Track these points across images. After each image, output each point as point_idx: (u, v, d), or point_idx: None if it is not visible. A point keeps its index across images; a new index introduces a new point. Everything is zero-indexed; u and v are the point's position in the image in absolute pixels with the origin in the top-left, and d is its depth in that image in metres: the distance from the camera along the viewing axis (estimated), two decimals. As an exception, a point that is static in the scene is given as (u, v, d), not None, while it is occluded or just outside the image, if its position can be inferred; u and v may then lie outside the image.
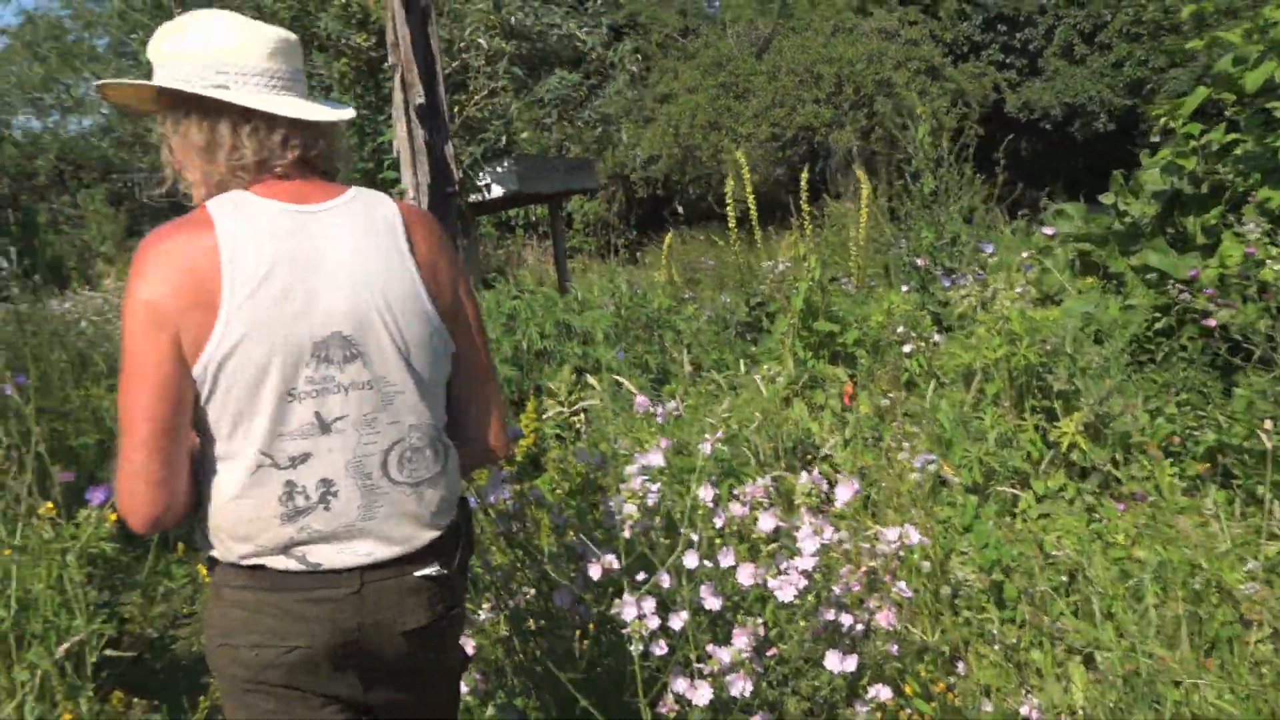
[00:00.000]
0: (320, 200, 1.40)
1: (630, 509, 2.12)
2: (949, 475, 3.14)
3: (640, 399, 2.38)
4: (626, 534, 2.10)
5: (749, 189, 5.57)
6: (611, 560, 2.10)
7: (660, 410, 2.38)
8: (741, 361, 4.80)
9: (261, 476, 1.34)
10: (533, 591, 2.27)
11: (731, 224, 5.55)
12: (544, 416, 3.86)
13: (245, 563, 1.37)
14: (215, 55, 1.38)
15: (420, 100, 6.31)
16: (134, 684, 2.79)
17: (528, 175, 9.69)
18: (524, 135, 16.57)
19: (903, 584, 2.19)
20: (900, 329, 4.49)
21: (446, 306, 1.47)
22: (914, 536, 2.27)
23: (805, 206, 5.65)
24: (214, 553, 1.41)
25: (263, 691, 1.39)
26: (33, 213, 10.38)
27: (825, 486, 2.48)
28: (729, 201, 5.55)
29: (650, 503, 2.18)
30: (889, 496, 3.13)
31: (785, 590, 2.08)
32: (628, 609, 2.01)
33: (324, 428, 1.35)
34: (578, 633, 2.22)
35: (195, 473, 1.38)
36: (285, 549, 1.36)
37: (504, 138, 9.88)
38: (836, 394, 4.20)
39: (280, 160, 1.40)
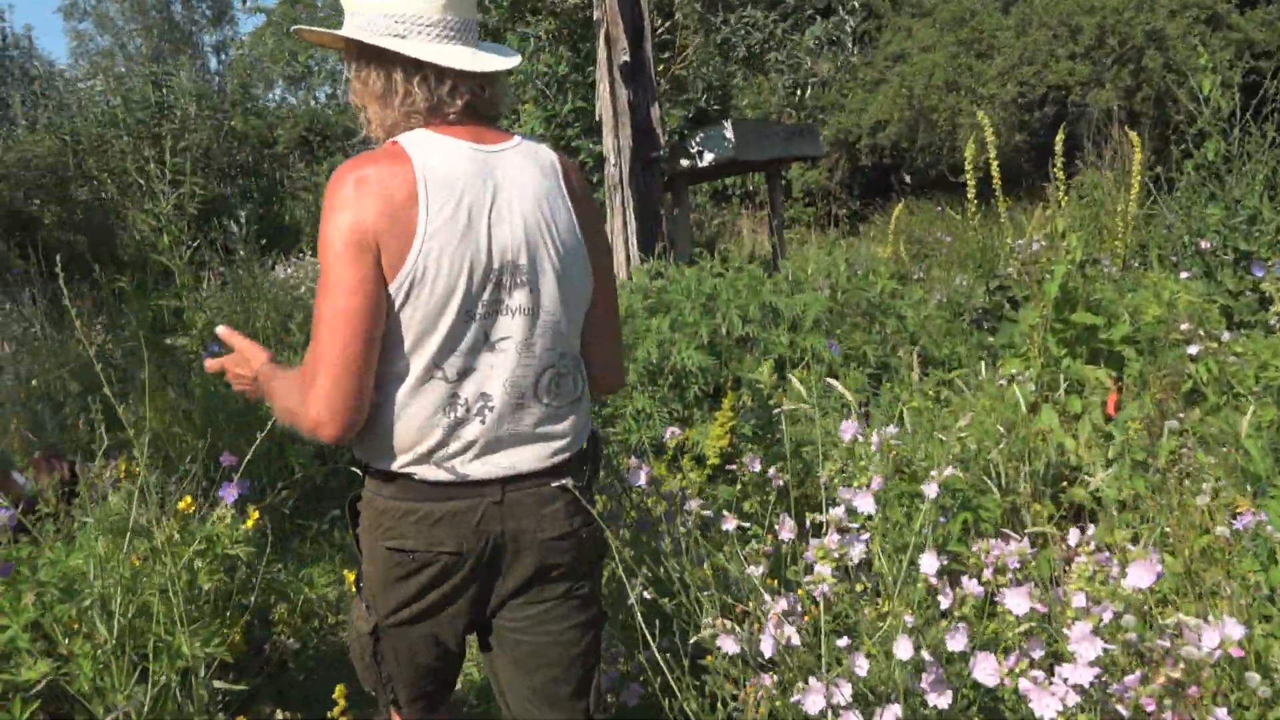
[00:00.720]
0: (496, 142, 1.51)
1: (823, 570, 1.60)
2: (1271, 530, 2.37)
3: (847, 426, 1.84)
4: (818, 595, 1.59)
5: (993, 154, 4.78)
6: (791, 635, 1.59)
7: (876, 440, 1.83)
8: (978, 357, 4.09)
9: (432, 387, 1.45)
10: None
11: (970, 194, 4.80)
12: (740, 415, 3.36)
13: (400, 471, 1.48)
14: (395, 6, 1.48)
15: (625, 58, 5.91)
16: (274, 694, 2.57)
17: (744, 141, 9.12)
18: (744, 103, 15.98)
19: (1223, 713, 1.54)
20: (1185, 326, 3.64)
21: (592, 248, 1.58)
22: (1236, 631, 1.61)
23: (1060, 174, 4.79)
24: (374, 461, 1.51)
25: (412, 583, 1.50)
26: (273, 180, 10.98)
27: (1088, 532, 1.85)
28: (968, 169, 4.79)
29: (856, 553, 1.65)
30: (1177, 543, 2.41)
31: (1044, 704, 1.49)
32: (812, 698, 1.51)
33: (490, 347, 1.47)
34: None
35: (362, 394, 1.45)
36: (436, 458, 1.46)
37: (715, 102, 9.37)
38: (1098, 402, 3.44)
39: (451, 107, 1.50)
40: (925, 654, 1.55)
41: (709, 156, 8.97)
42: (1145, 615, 1.82)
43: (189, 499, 2.43)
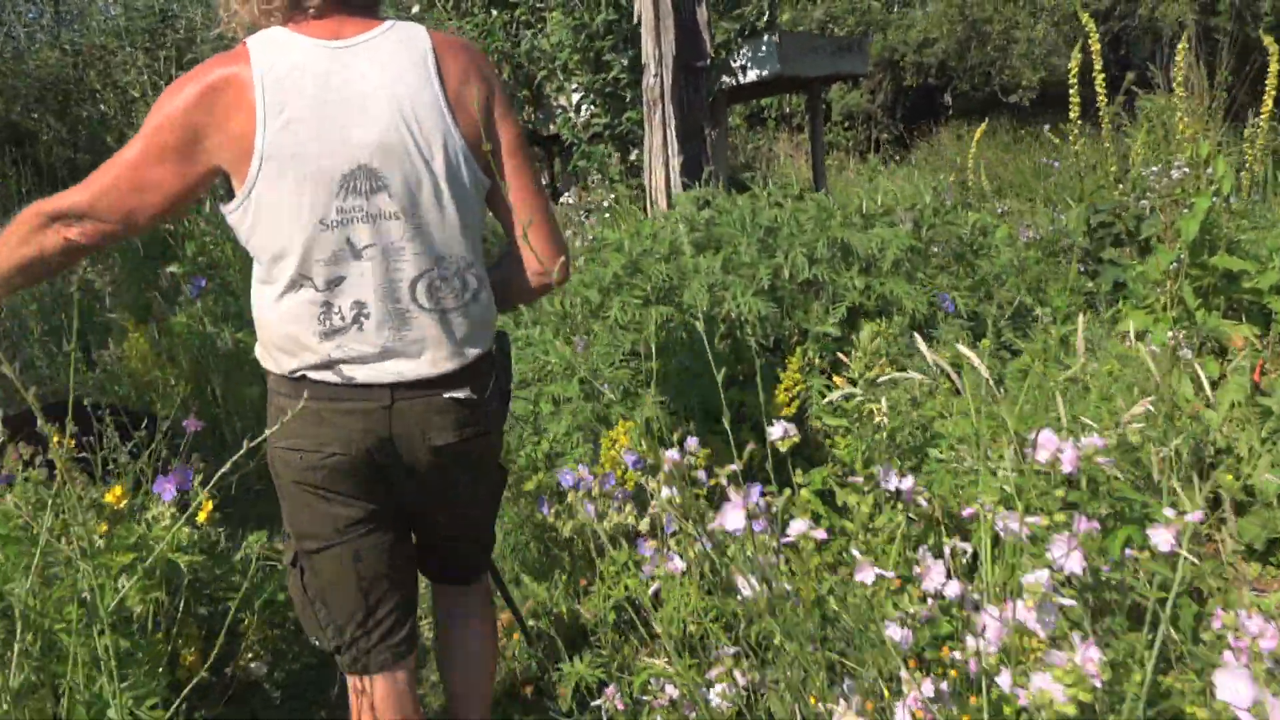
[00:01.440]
0: (354, 34, 1.45)
1: (1048, 686, 1.03)
2: None
3: (1046, 439, 1.25)
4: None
5: (1098, 63, 4.07)
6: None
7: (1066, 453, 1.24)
8: (1080, 307, 3.47)
9: (301, 297, 1.44)
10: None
11: (1074, 111, 4.09)
12: (820, 391, 2.77)
13: (292, 375, 1.50)
14: None
15: (669, -50, 5.18)
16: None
17: (790, 55, 8.32)
18: (783, 18, 15.00)
19: None
20: (1346, 272, 3.00)
21: (476, 137, 1.48)
22: None
23: (1181, 82, 4.07)
24: (268, 365, 1.54)
25: (307, 489, 1.52)
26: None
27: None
28: (1071, 78, 4.07)
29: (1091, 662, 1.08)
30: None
31: None
32: None
33: (355, 254, 1.44)
34: None
35: (252, 295, 1.52)
36: (325, 365, 1.47)
37: (761, 13, 8.55)
38: (1246, 367, 2.83)
39: (310, 1, 1.44)
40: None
41: (752, 73, 8.20)
42: None
43: (119, 489, 1.88)
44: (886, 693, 1.20)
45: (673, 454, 1.27)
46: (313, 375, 1.48)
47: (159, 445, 2.42)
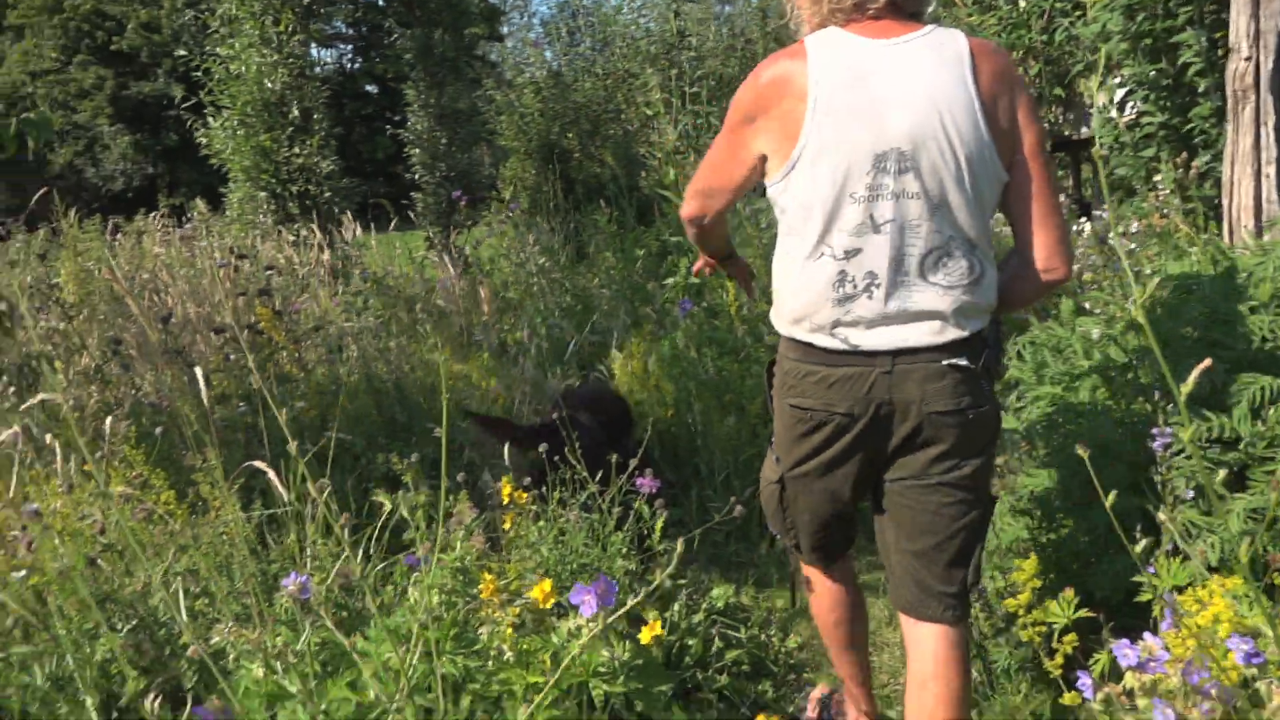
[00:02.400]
0: (899, 35, 1.61)
1: None
2: None
3: None
4: None
5: None
6: None
7: None
8: None
9: (820, 265, 1.62)
10: None
11: None
12: None
13: (800, 338, 1.68)
14: None
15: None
16: None
17: None
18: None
19: None
20: None
21: (1002, 135, 1.60)
22: None
23: None
24: (781, 330, 1.73)
25: (806, 439, 1.71)
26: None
27: None
28: None
29: None
30: None
31: None
32: None
33: (874, 228, 1.58)
34: None
35: (774, 267, 1.74)
36: (831, 329, 1.63)
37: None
38: None
39: (873, 4, 1.62)
40: None
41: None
42: None
43: (547, 585, 1.54)
44: None
45: None
46: (820, 340, 1.65)
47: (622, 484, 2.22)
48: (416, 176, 8.16)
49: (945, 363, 1.60)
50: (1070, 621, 1.81)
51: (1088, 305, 3.09)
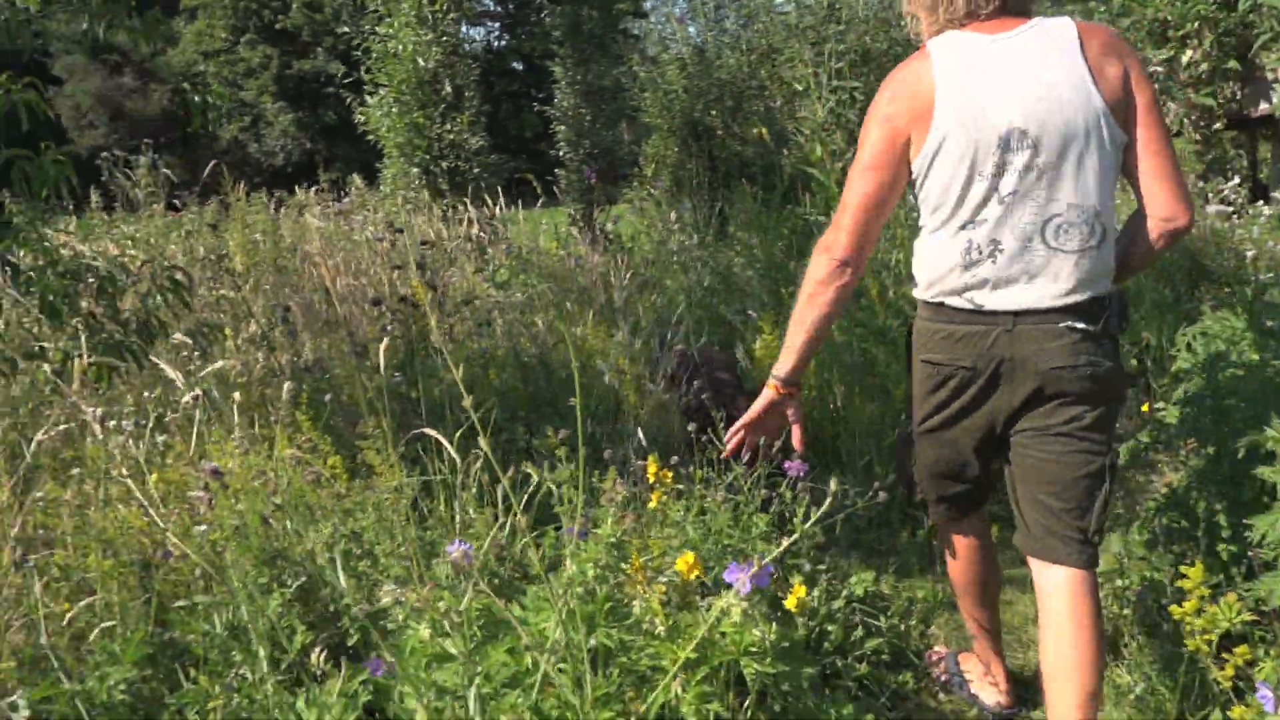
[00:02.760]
0: (1011, 29, 1.79)
1: None
2: None
3: None
4: None
5: None
6: None
7: None
8: None
9: (953, 235, 1.80)
10: None
11: None
12: None
13: (933, 300, 1.87)
14: None
15: None
16: None
17: None
18: None
19: None
20: None
21: (1116, 100, 1.73)
22: None
23: None
24: (916, 291, 1.93)
25: (935, 393, 1.90)
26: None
27: None
28: None
29: None
30: None
31: None
32: None
33: (1000, 200, 1.75)
34: None
35: (917, 241, 1.91)
36: (960, 291, 1.81)
37: None
38: None
39: (985, 9, 1.80)
40: None
41: None
42: None
43: (690, 557, 1.57)
44: None
45: None
46: (950, 301, 1.83)
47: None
48: (561, 153, 8.26)
49: (1064, 324, 1.75)
50: (1233, 628, 1.73)
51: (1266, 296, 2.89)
